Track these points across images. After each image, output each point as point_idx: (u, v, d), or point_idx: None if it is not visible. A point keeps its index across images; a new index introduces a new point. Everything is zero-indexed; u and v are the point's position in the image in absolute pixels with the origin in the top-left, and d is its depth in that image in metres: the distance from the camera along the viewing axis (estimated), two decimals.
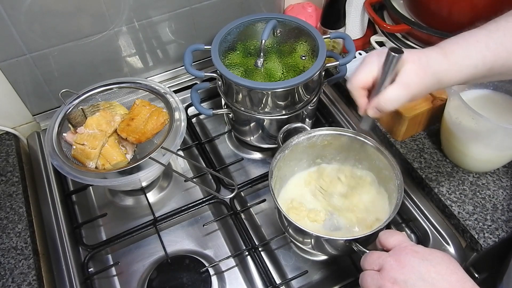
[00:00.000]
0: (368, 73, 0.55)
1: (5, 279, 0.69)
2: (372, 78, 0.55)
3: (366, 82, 0.55)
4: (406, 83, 0.52)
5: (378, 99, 0.54)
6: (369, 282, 0.50)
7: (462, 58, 0.53)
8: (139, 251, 0.79)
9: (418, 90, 0.53)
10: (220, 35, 0.82)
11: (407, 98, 0.53)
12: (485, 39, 0.53)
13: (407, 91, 0.52)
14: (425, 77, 0.53)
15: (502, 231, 0.71)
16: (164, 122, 0.78)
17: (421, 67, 0.52)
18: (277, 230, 0.79)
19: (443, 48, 0.54)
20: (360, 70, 0.56)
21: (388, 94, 0.53)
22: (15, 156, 0.86)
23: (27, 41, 0.79)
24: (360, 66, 0.56)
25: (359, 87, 0.56)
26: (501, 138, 0.69)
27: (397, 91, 0.53)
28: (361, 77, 0.55)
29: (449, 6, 0.84)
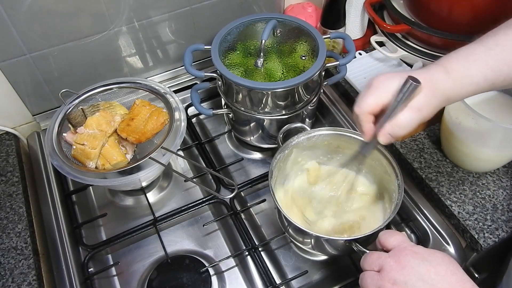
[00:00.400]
0: (377, 98, 0.54)
1: (5, 279, 0.69)
2: (382, 104, 0.54)
3: (375, 108, 0.55)
4: (418, 108, 0.52)
5: (391, 126, 0.53)
6: (369, 283, 0.50)
7: (464, 77, 0.53)
8: (139, 251, 0.79)
9: (429, 112, 0.53)
10: (220, 35, 0.82)
11: (419, 122, 0.53)
12: (484, 56, 0.53)
13: (419, 114, 0.53)
14: (433, 98, 0.53)
15: (502, 231, 0.71)
16: (164, 122, 0.78)
17: (429, 90, 0.52)
18: (277, 230, 0.79)
19: (444, 67, 0.54)
20: (369, 95, 0.55)
21: (401, 119, 0.53)
22: (15, 156, 0.86)
23: (27, 41, 0.79)
24: (369, 90, 0.55)
25: (368, 112, 0.55)
26: (501, 138, 0.69)
27: (410, 116, 0.53)
28: (370, 102, 0.55)
29: (449, 6, 0.84)
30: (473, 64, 0.53)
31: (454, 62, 0.54)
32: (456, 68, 0.54)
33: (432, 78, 0.53)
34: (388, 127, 0.54)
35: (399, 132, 0.54)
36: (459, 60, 0.54)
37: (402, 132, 0.54)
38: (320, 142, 0.76)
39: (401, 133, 0.54)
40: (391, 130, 0.54)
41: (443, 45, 0.89)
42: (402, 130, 0.53)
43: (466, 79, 0.53)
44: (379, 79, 0.55)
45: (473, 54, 0.54)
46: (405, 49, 0.94)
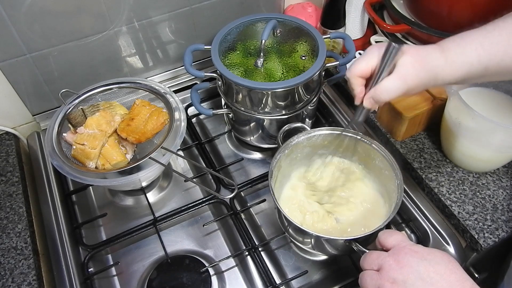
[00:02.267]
0: (367, 63, 0.56)
1: (5, 279, 0.69)
2: (371, 68, 0.56)
3: (364, 71, 0.56)
4: (403, 75, 0.53)
5: (374, 89, 0.55)
6: (368, 282, 0.50)
7: (458, 55, 0.54)
8: (139, 251, 0.79)
9: (414, 83, 0.54)
10: (220, 35, 0.82)
11: (403, 90, 0.54)
12: (481, 38, 0.54)
13: (404, 83, 0.53)
14: (421, 70, 0.53)
15: (502, 231, 0.71)
16: (164, 122, 0.78)
17: (418, 60, 0.53)
18: (277, 230, 0.79)
19: (440, 45, 0.55)
20: (360, 60, 0.57)
21: (385, 84, 0.54)
22: (15, 156, 0.86)
23: (27, 41, 0.79)
24: (361, 56, 0.57)
25: (357, 75, 0.57)
26: (501, 138, 0.69)
27: (393, 82, 0.54)
28: (360, 66, 0.56)
29: (449, 6, 0.84)
30: (469, 45, 0.54)
31: (450, 41, 0.55)
32: (450, 46, 0.55)
33: (424, 52, 0.54)
34: (372, 91, 0.55)
35: (380, 97, 0.55)
36: (455, 40, 0.55)
37: (383, 97, 0.55)
38: (320, 142, 0.76)
39: (382, 98, 0.55)
40: (374, 94, 0.55)
41: None
42: (383, 95, 0.54)
43: (459, 57, 0.54)
44: (371, 47, 0.57)
45: (470, 35, 0.55)
46: None
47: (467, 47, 0.54)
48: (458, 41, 0.55)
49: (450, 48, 0.54)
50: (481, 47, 0.53)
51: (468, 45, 0.54)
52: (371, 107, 0.57)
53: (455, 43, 0.55)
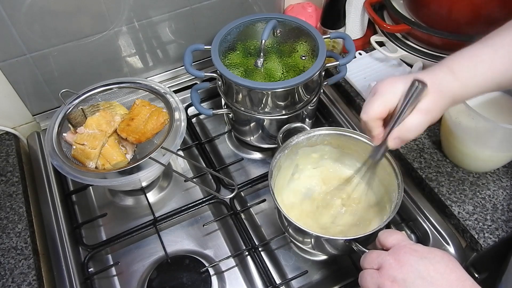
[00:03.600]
0: (384, 103, 0.54)
1: (5, 279, 0.69)
2: (389, 109, 0.54)
3: (382, 112, 0.55)
4: (426, 110, 0.53)
5: (399, 129, 0.54)
6: (368, 281, 0.50)
7: (471, 78, 0.53)
8: (139, 251, 0.79)
9: (437, 114, 0.54)
10: (220, 35, 0.82)
11: (428, 124, 0.54)
12: (490, 58, 0.53)
13: (429, 117, 0.53)
14: (441, 100, 0.53)
15: (502, 231, 0.71)
16: (164, 122, 0.78)
17: (436, 92, 0.53)
18: (277, 230, 0.79)
19: (450, 68, 0.54)
20: (375, 100, 0.55)
21: (410, 123, 0.53)
22: (15, 156, 0.86)
23: (27, 41, 0.79)
24: (374, 96, 0.55)
25: (376, 117, 0.55)
26: (501, 138, 0.69)
27: (418, 119, 0.53)
28: (377, 108, 0.55)
29: (449, 6, 0.84)
30: (480, 66, 0.53)
31: (459, 64, 0.54)
32: (462, 69, 0.54)
33: (438, 80, 0.53)
34: (397, 131, 0.54)
35: (408, 136, 0.54)
36: (465, 62, 0.54)
37: (411, 136, 0.54)
38: (320, 142, 0.76)
39: (410, 136, 0.54)
40: (400, 134, 0.54)
41: (443, 45, 0.89)
42: (411, 134, 0.54)
43: (473, 80, 0.53)
44: (384, 84, 0.55)
45: (479, 56, 0.54)
46: (405, 49, 0.94)
47: (478, 69, 0.53)
48: (467, 64, 0.54)
49: (461, 71, 0.54)
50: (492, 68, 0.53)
51: (479, 67, 0.53)
52: (397, 147, 0.56)
53: (465, 66, 0.54)
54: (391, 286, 0.48)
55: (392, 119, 0.55)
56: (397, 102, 0.54)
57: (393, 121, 0.54)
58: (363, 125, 0.58)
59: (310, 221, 0.74)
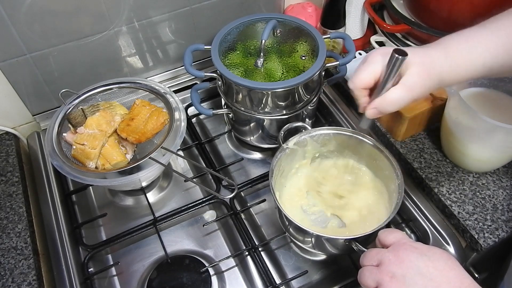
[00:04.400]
0: (370, 73, 0.55)
1: (5, 279, 0.69)
2: (375, 78, 0.55)
3: (368, 82, 0.55)
4: (409, 86, 0.52)
5: (379, 101, 0.54)
6: (367, 277, 0.50)
7: (464, 60, 0.53)
8: (139, 251, 0.79)
9: (420, 92, 0.53)
10: (220, 35, 0.82)
11: (409, 100, 0.53)
12: (486, 41, 0.53)
13: (410, 93, 0.53)
14: (428, 79, 0.53)
15: (502, 231, 0.71)
16: (164, 122, 0.78)
17: (424, 69, 0.52)
18: (277, 230, 0.79)
19: (444, 48, 0.54)
20: (363, 69, 0.55)
21: (391, 96, 0.53)
22: (15, 156, 0.86)
23: (27, 41, 0.79)
24: (363, 65, 0.56)
25: (361, 87, 0.56)
26: (501, 138, 0.69)
27: (399, 93, 0.53)
28: (364, 77, 0.55)
29: (449, 6, 0.84)
30: (474, 49, 0.53)
31: (454, 43, 0.54)
32: (455, 50, 0.53)
33: (430, 58, 0.53)
34: (377, 102, 0.54)
35: (386, 108, 0.54)
36: (460, 43, 0.54)
37: (389, 108, 0.54)
38: (321, 142, 0.76)
39: (388, 109, 0.54)
40: (379, 105, 0.54)
41: None
42: (390, 107, 0.54)
43: (465, 63, 0.53)
44: (373, 54, 0.55)
45: (475, 37, 0.54)
46: None
47: (472, 51, 0.53)
48: (463, 45, 0.54)
49: (455, 52, 0.53)
50: (487, 51, 0.53)
51: (474, 49, 0.53)
52: (374, 117, 0.56)
53: (460, 47, 0.54)
54: (390, 281, 0.47)
55: (376, 89, 0.55)
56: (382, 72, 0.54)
57: (377, 92, 0.55)
58: (351, 93, 0.58)
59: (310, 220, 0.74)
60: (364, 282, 0.51)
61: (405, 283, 0.47)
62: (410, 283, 0.47)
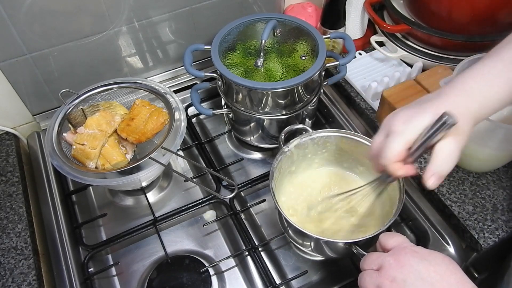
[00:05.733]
0: (403, 145, 0.51)
1: (5, 279, 0.69)
2: (407, 149, 0.52)
3: (402, 154, 0.52)
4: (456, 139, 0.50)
5: (434, 164, 0.50)
6: (367, 281, 0.50)
7: (487, 96, 0.52)
8: (139, 251, 0.79)
9: (466, 141, 0.51)
10: (220, 35, 0.82)
11: (461, 151, 0.51)
12: (504, 70, 0.52)
13: (460, 145, 0.50)
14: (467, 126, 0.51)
15: (502, 231, 0.71)
16: (164, 122, 0.78)
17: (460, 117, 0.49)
18: (277, 230, 0.79)
19: (463, 90, 0.52)
20: (393, 143, 0.52)
21: (445, 154, 0.50)
22: (15, 156, 0.86)
23: (27, 41, 0.79)
24: (392, 136, 0.52)
25: (397, 160, 0.53)
26: (501, 138, 0.69)
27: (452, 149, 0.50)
28: (397, 150, 0.51)
29: (449, 6, 0.84)
30: (494, 81, 0.52)
31: (472, 83, 0.52)
32: (475, 88, 0.52)
33: (456, 106, 0.50)
34: (432, 167, 0.50)
35: (445, 169, 0.50)
36: (477, 80, 0.52)
37: (448, 169, 0.50)
38: (322, 144, 0.76)
39: (447, 169, 0.51)
40: (436, 169, 0.50)
41: (443, 45, 0.89)
42: (448, 167, 0.50)
43: (490, 98, 0.52)
44: (398, 121, 0.52)
45: (490, 70, 0.52)
46: (405, 49, 0.94)
47: (493, 84, 0.52)
48: (480, 81, 0.52)
49: (476, 90, 0.52)
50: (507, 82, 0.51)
51: (494, 82, 0.52)
52: (436, 186, 0.52)
53: (479, 83, 0.52)
54: (391, 286, 0.47)
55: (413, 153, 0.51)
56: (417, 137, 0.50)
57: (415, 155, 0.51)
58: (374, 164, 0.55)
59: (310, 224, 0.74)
60: (364, 287, 0.50)
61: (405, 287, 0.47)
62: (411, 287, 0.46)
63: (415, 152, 0.51)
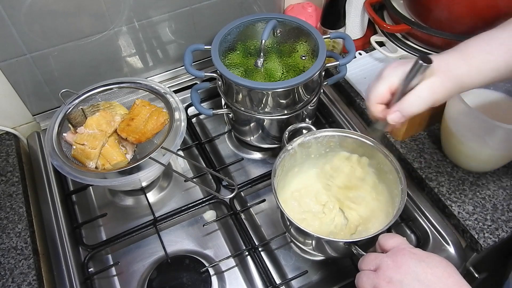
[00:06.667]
0: (385, 87, 0.53)
1: (5, 279, 0.69)
2: (390, 92, 0.54)
3: (385, 95, 0.54)
4: (432, 88, 0.51)
5: (402, 102, 0.52)
6: (364, 281, 0.50)
7: (484, 62, 0.52)
8: (139, 251, 0.79)
9: (442, 96, 0.52)
10: (220, 35, 0.82)
11: (432, 103, 0.52)
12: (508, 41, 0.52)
13: (433, 95, 0.52)
14: (447, 80, 0.52)
15: (502, 231, 0.71)
16: (164, 122, 0.78)
17: (443, 74, 0.51)
18: (277, 230, 0.79)
19: (462, 52, 0.53)
20: (378, 85, 0.54)
21: (414, 97, 0.52)
22: (15, 156, 0.86)
23: (27, 41, 0.79)
24: (377, 81, 0.55)
25: (378, 101, 0.55)
26: (501, 138, 0.69)
27: (423, 94, 0.51)
28: (380, 91, 0.54)
29: (449, 6, 0.84)
30: (496, 50, 0.52)
31: (473, 47, 0.53)
32: (475, 54, 0.52)
33: (447, 63, 0.52)
34: (398, 105, 0.53)
35: (408, 109, 0.52)
36: (480, 45, 0.53)
37: (411, 109, 0.52)
38: (326, 143, 0.76)
39: (410, 110, 0.52)
40: (401, 107, 0.52)
41: (443, 45, 0.89)
42: (414, 108, 0.52)
43: (486, 65, 0.52)
44: (388, 67, 0.54)
45: (496, 39, 0.52)
46: (405, 49, 0.94)
47: (494, 52, 0.52)
48: (483, 46, 0.52)
49: (475, 55, 0.52)
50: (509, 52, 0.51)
51: (495, 50, 0.52)
52: (397, 122, 0.53)
53: (480, 49, 0.52)
54: (387, 286, 0.47)
55: (394, 97, 0.54)
56: (399, 83, 0.53)
57: (395, 99, 0.53)
58: (367, 110, 0.57)
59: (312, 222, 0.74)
60: (361, 287, 0.50)
61: None
62: None
63: (397, 96, 0.53)
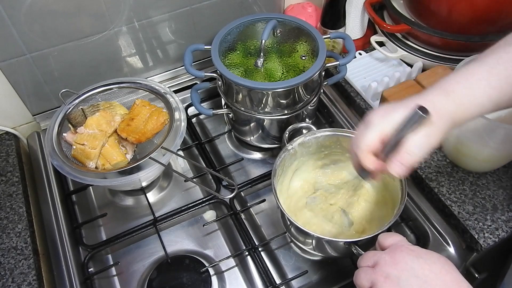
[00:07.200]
0: (376, 135, 0.52)
1: (5, 279, 0.69)
2: (381, 140, 0.52)
3: (375, 145, 0.52)
4: (427, 135, 0.50)
5: (400, 153, 0.51)
6: (362, 277, 0.50)
7: (467, 98, 0.51)
8: (139, 251, 0.79)
9: (439, 139, 0.51)
10: (220, 35, 0.82)
11: (430, 149, 0.51)
12: (487, 76, 0.51)
13: (430, 141, 0.51)
14: (440, 123, 0.51)
15: (502, 231, 0.71)
16: (164, 122, 0.78)
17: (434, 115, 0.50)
18: (277, 230, 0.79)
19: (444, 90, 0.52)
20: (367, 133, 0.52)
21: (412, 146, 0.50)
22: (15, 156, 0.86)
23: (27, 41, 0.79)
24: (366, 129, 0.53)
25: (368, 151, 0.53)
26: (501, 138, 0.69)
27: (419, 142, 0.50)
28: (371, 140, 0.52)
29: (449, 6, 0.84)
30: (476, 85, 0.51)
31: (454, 84, 0.52)
32: (456, 89, 0.51)
33: (432, 104, 0.50)
34: (398, 156, 0.51)
35: (411, 160, 0.51)
36: (460, 82, 0.52)
37: (414, 160, 0.51)
38: (327, 143, 0.76)
39: (414, 160, 0.51)
40: (402, 158, 0.51)
41: (443, 45, 0.89)
42: (414, 158, 0.51)
43: (470, 101, 0.51)
44: (377, 114, 0.53)
45: (475, 74, 0.51)
46: (405, 49, 0.94)
47: (474, 88, 0.51)
48: (463, 83, 0.51)
49: (456, 91, 0.51)
50: (489, 87, 0.51)
51: (475, 86, 0.51)
52: (403, 174, 0.52)
53: (460, 85, 0.51)
54: (384, 282, 0.47)
55: (386, 146, 0.52)
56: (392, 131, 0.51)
57: (388, 148, 0.51)
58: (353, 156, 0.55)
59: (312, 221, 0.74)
60: (359, 283, 0.51)
61: (399, 284, 0.47)
62: (405, 284, 0.46)
63: (389, 146, 0.51)
